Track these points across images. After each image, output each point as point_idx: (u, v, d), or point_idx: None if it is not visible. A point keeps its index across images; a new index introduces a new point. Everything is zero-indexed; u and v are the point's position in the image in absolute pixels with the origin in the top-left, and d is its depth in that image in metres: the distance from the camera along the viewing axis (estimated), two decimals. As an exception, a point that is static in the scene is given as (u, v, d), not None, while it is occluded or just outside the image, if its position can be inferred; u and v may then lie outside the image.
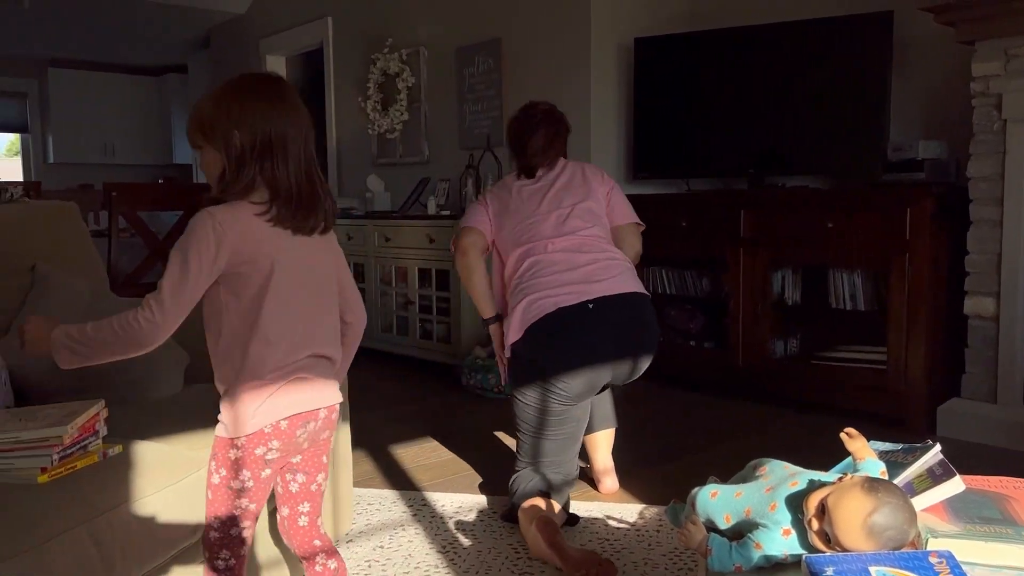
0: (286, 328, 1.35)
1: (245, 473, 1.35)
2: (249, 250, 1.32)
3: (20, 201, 2.16)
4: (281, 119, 1.33)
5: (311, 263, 1.40)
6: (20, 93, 8.49)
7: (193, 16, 6.75)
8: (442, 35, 4.92)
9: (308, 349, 1.38)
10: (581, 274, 2.23)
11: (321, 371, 1.41)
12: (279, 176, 1.33)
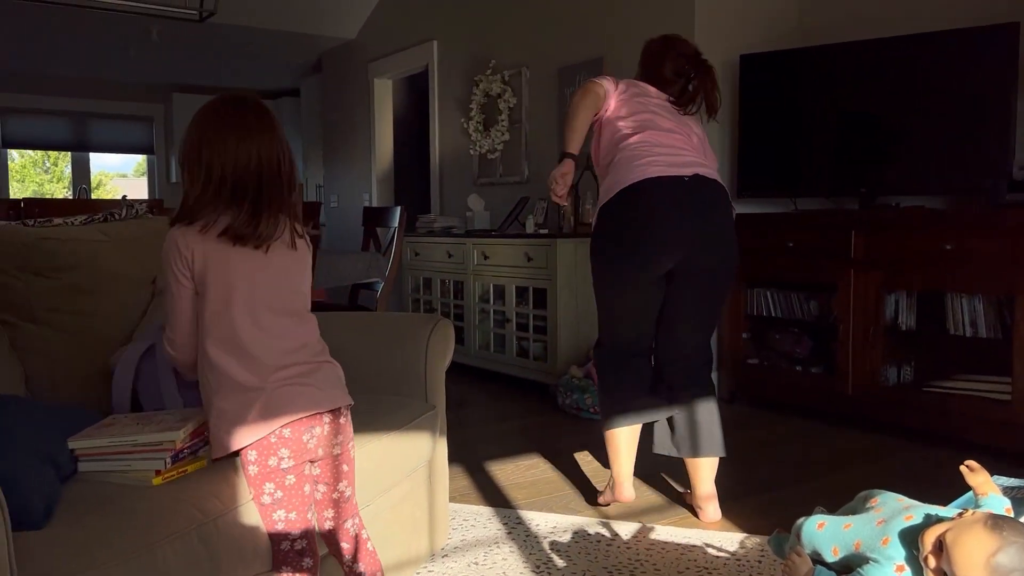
0: (259, 340, 1.41)
1: (269, 486, 1.41)
2: (209, 264, 1.41)
3: (144, 217, 2.29)
4: (237, 142, 1.39)
5: (282, 274, 1.46)
6: (147, 117, 9.05)
7: (306, 42, 7.04)
8: (544, 56, 4.96)
9: (293, 358, 1.43)
10: (683, 160, 2.39)
11: (321, 376, 1.46)
12: (235, 196, 1.39)
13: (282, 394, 1.40)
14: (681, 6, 4.05)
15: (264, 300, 1.43)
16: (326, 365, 1.49)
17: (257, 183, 1.40)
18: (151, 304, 2.06)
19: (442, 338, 2.21)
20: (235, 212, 1.40)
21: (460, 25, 5.69)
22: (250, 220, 1.40)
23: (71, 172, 9.17)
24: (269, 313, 1.44)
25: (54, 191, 17.51)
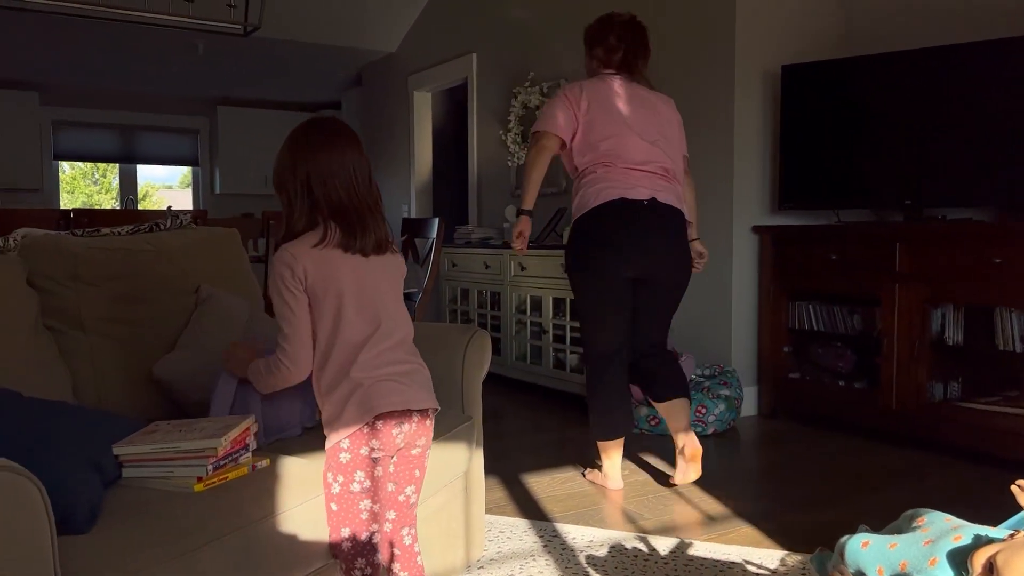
0: (366, 341, 1.51)
1: (359, 474, 1.49)
2: (321, 275, 1.50)
3: (188, 228, 2.33)
4: (330, 158, 1.50)
5: (376, 281, 1.56)
6: (192, 130, 9.24)
7: (348, 55, 7.13)
8: (582, 68, 4.95)
9: (393, 356, 1.53)
10: (641, 185, 2.77)
11: (413, 377, 1.55)
12: (334, 208, 1.50)
13: (380, 388, 1.49)
14: (721, 16, 4.03)
15: (369, 302, 1.54)
16: (419, 367, 1.59)
17: (353, 194, 1.52)
18: (194, 313, 2.09)
19: (479, 349, 2.21)
20: (337, 223, 1.51)
21: (499, 38, 5.72)
22: (351, 229, 1.51)
23: (119, 183, 9.39)
24: (373, 314, 1.54)
25: (102, 202, 17.93)
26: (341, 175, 1.50)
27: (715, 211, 4.10)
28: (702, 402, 3.67)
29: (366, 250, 1.53)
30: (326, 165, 1.50)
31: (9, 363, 1.65)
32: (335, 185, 1.50)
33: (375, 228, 1.54)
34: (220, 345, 1.98)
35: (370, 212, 1.53)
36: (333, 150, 1.51)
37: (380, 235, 1.55)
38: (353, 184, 1.51)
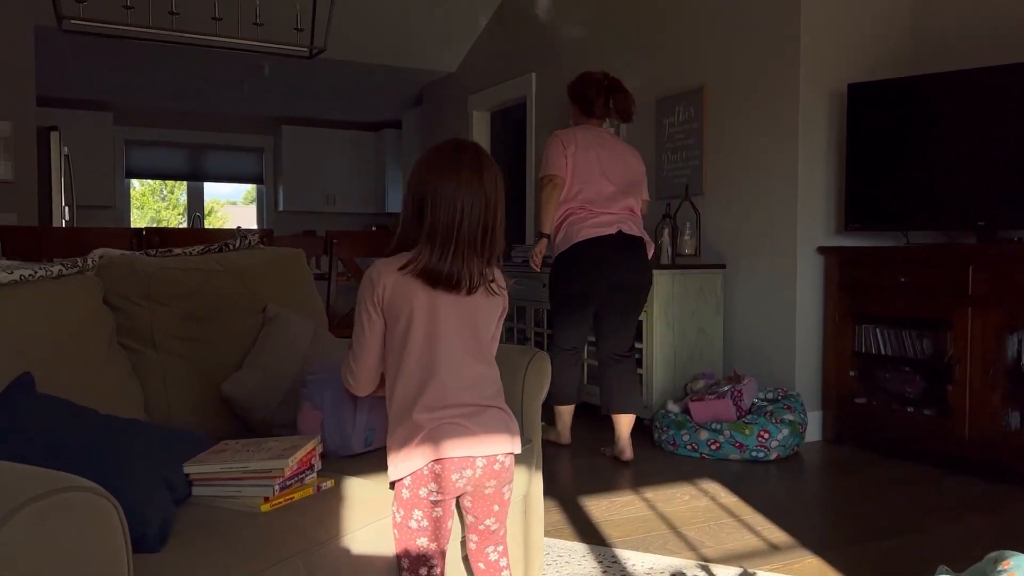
0: (431, 377, 1.47)
1: (417, 513, 1.49)
2: (397, 298, 1.48)
3: (256, 248, 2.38)
4: (446, 187, 1.47)
5: (464, 317, 1.51)
6: (258, 148, 9.48)
7: (409, 76, 7.24)
8: (642, 86, 4.94)
9: (461, 397, 1.48)
10: (611, 221, 3.55)
11: (483, 421, 1.49)
12: (434, 236, 1.47)
13: (442, 431, 1.46)
14: (786, 34, 3.98)
15: (443, 339, 1.49)
16: (494, 410, 1.52)
17: (457, 229, 1.47)
18: (260, 332, 2.13)
19: (538, 372, 2.20)
20: (433, 252, 1.47)
21: (559, 57, 5.74)
22: (442, 261, 1.46)
23: (186, 199, 9.67)
24: (445, 352, 1.49)
25: (169, 218, 18.49)
26: (450, 204, 1.46)
27: (779, 232, 4.03)
28: (765, 427, 3.59)
29: (450, 284, 1.48)
30: (439, 190, 1.47)
31: (86, 380, 1.71)
32: (441, 212, 1.47)
33: (468, 264, 1.48)
34: (285, 364, 2.02)
35: (470, 247, 1.48)
36: (451, 178, 1.48)
37: (472, 272, 1.49)
38: (459, 215, 1.46)
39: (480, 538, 1.59)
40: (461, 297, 1.50)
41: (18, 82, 5.59)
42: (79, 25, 3.71)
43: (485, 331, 1.55)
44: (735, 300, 4.28)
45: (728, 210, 4.32)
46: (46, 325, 1.67)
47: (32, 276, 1.67)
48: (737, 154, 4.27)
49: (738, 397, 3.74)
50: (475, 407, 1.49)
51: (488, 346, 1.56)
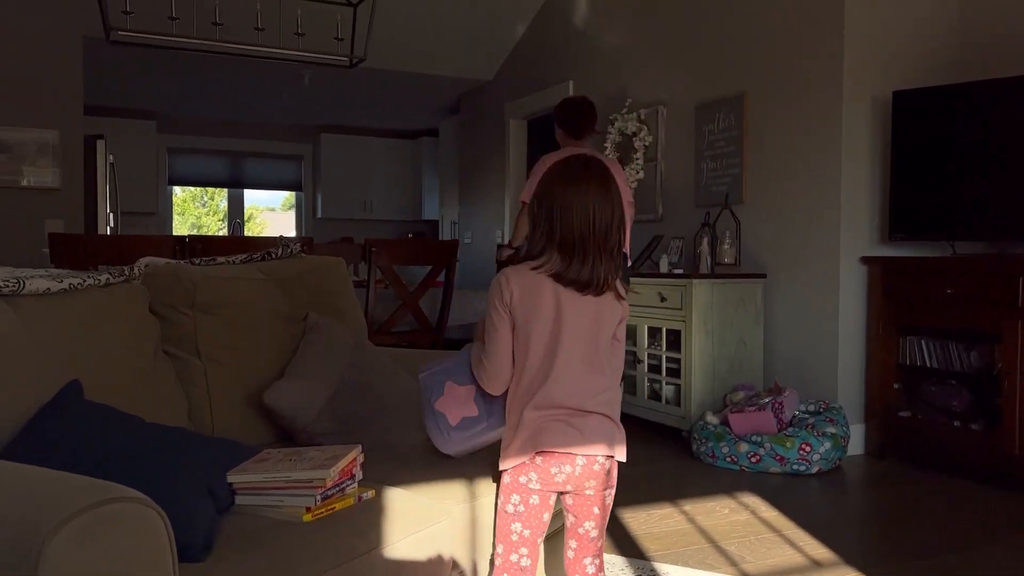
0: (548, 378, 1.55)
1: (515, 498, 1.58)
2: (524, 300, 1.57)
3: (298, 256, 2.41)
4: (573, 198, 1.55)
5: (588, 321, 1.58)
6: (297, 156, 9.59)
7: (445, 84, 7.28)
8: (681, 93, 4.91)
9: (572, 400, 1.54)
10: None
11: (587, 424, 1.55)
12: (563, 244, 1.55)
13: (547, 427, 1.54)
14: (829, 40, 3.92)
15: (563, 344, 1.56)
16: (599, 416, 1.57)
17: (584, 237, 1.54)
18: (302, 340, 2.14)
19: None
20: (561, 258, 1.56)
21: (596, 65, 5.73)
22: (575, 265, 1.55)
23: (227, 205, 9.81)
24: (563, 357, 1.56)
25: (210, 223, 18.78)
26: (578, 212, 1.54)
27: (821, 241, 3.97)
28: (806, 440, 3.53)
29: (579, 284, 1.56)
30: (567, 200, 1.55)
31: (133, 387, 1.73)
32: (569, 220, 1.54)
33: (595, 267, 1.55)
34: (325, 374, 2.03)
35: (598, 252, 1.55)
36: (578, 188, 1.56)
37: (598, 275, 1.56)
38: (589, 223, 1.54)
39: (579, 545, 1.62)
40: (588, 298, 1.57)
41: (66, 92, 5.72)
42: (126, 36, 3.78)
43: (605, 335, 1.61)
44: (776, 310, 4.22)
45: (769, 219, 4.27)
46: (94, 333, 1.69)
47: (81, 284, 1.70)
48: (778, 162, 4.22)
49: (779, 409, 3.69)
50: (581, 412, 1.55)
51: (604, 353, 1.60)
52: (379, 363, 2.17)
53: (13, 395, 1.48)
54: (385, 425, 2.03)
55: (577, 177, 1.58)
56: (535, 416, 1.54)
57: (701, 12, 4.74)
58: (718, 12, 4.61)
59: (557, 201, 1.56)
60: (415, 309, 3.74)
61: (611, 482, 1.61)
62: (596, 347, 1.59)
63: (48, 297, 1.63)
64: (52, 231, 5.69)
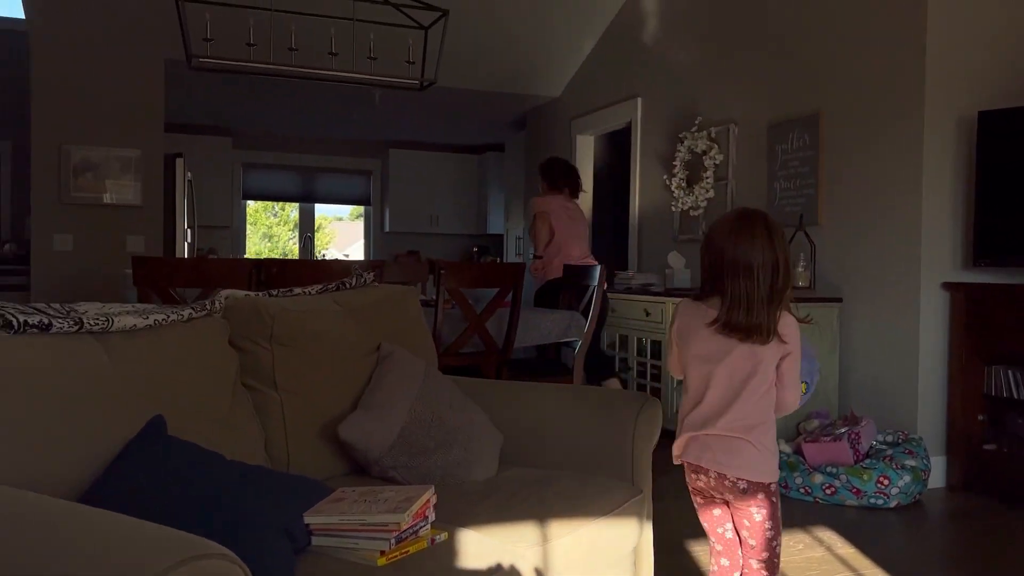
0: (701, 401, 1.80)
1: (695, 497, 1.91)
2: (685, 331, 1.84)
3: (371, 286, 2.43)
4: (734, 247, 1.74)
5: (741, 360, 1.77)
6: (366, 171, 9.75)
7: (513, 101, 7.31)
8: (753, 111, 4.82)
9: (716, 423, 1.78)
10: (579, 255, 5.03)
11: (727, 447, 1.78)
12: (722, 287, 1.75)
13: (696, 440, 1.82)
14: (910, 58, 3.80)
15: (715, 375, 1.78)
16: (741, 442, 1.77)
17: (750, 285, 1.72)
18: (375, 371, 2.16)
19: (650, 419, 2.16)
20: (724, 300, 1.75)
21: (665, 82, 5.67)
22: (732, 310, 1.73)
23: (297, 215, 10.03)
24: (714, 385, 1.79)
25: (280, 233, 19.28)
26: (742, 265, 1.72)
27: (901, 265, 3.84)
28: (884, 472, 3.41)
29: (734, 330, 1.74)
30: (733, 254, 1.74)
31: (213, 420, 1.77)
32: (735, 271, 1.73)
33: (755, 317, 1.72)
34: (397, 406, 2.04)
35: (761, 303, 1.73)
36: (742, 243, 1.73)
37: (754, 323, 1.72)
38: (752, 276, 1.72)
39: (743, 549, 1.88)
40: (745, 344, 1.75)
41: (148, 113, 5.94)
42: (207, 63, 3.90)
43: (762, 372, 1.77)
44: (852, 336, 4.09)
45: (846, 241, 4.15)
46: (177, 367, 1.74)
47: (165, 320, 1.75)
48: (856, 183, 4.10)
49: (855, 440, 3.57)
50: (727, 435, 1.77)
51: (757, 385, 1.77)
52: (449, 394, 2.17)
53: (101, 431, 1.53)
54: (454, 458, 2.04)
55: (741, 232, 1.75)
56: (689, 428, 1.83)
57: (774, 29, 4.65)
58: (792, 29, 4.52)
59: (725, 254, 1.75)
60: (482, 331, 3.74)
61: (751, 501, 1.80)
62: (746, 379, 1.77)
63: (134, 333, 1.68)
64: (133, 248, 5.90)
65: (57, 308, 1.62)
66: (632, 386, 5.14)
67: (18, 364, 1.45)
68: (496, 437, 2.16)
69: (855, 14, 4.11)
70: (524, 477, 2.02)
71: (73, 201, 5.75)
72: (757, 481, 1.78)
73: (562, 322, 4.09)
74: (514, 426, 2.23)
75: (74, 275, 5.76)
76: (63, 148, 5.71)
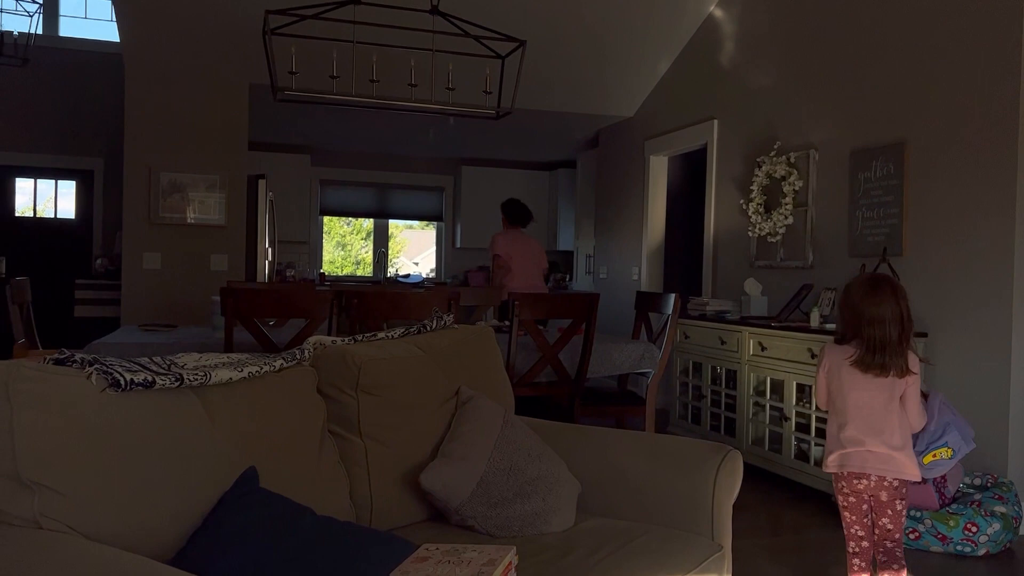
0: (845, 421, 2.45)
1: (839, 498, 2.52)
2: (831, 369, 2.49)
3: (451, 328, 2.47)
4: (869, 306, 2.37)
5: (876, 389, 2.41)
6: (439, 187, 9.87)
7: (586, 120, 7.31)
8: (835, 138, 4.72)
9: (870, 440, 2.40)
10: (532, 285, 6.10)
11: (881, 458, 2.40)
12: (864, 335, 2.38)
13: (851, 454, 2.44)
14: (1004, 86, 3.66)
15: (851, 401, 2.44)
16: (894, 453, 2.39)
17: (884, 334, 2.35)
18: (454, 417, 2.20)
19: (731, 472, 2.14)
20: (867, 352, 2.38)
21: (743, 105, 5.59)
22: (873, 358, 2.37)
23: (370, 224, 10.20)
24: (853, 411, 2.43)
25: (353, 242, 19.68)
26: (876, 318, 2.36)
27: (991, 300, 3.70)
28: (972, 519, 3.29)
29: (870, 370, 2.39)
30: (868, 310, 2.37)
31: (302, 469, 1.83)
32: (869, 323, 2.36)
33: (890, 357, 2.36)
34: (476, 455, 2.07)
35: (893, 346, 2.36)
36: (874, 303, 2.37)
37: (888, 362, 2.36)
38: (884, 326, 2.35)
39: (881, 547, 2.48)
40: (881, 379, 2.39)
41: (233, 137, 6.15)
42: (292, 95, 4.02)
43: (893, 399, 2.41)
44: (937, 372, 3.96)
45: (931, 274, 4.02)
46: (268, 417, 1.80)
47: (258, 372, 1.81)
48: (943, 213, 3.97)
49: (941, 484, 3.45)
50: (877, 449, 2.39)
51: (893, 409, 2.41)
52: (526, 442, 2.19)
53: (198, 483, 1.60)
54: (533, 508, 2.05)
55: (871, 294, 2.38)
56: (841, 445, 2.45)
57: (858, 53, 4.55)
58: (877, 53, 4.41)
59: (860, 311, 2.38)
60: (555, 363, 3.76)
61: (899, 495, 2.42)
62: (882, 407, 2.41)
63: (230, 386, 1.75)
64: (216, 267, 6.11)
65: (159, 363, 1.69)
66: (705, 415, 5.07)
67: (124, 421, 1.52)
68: (574, 486, 2.16)
69: (943, 39, 3.98)
70: (603, 530, 2.02)
71: (161, 221, 5.99)
72: (906, 480, 2.42)
73: (635, 353, 4.08)
74: (591, 473, 2.24)
75: (162, 292, 5.99)
76: (153, 172, 5.96)
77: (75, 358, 1.56)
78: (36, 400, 1.43)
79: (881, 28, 4.39)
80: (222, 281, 5.97)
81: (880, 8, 4.40)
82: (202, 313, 5.62)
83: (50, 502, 1.40)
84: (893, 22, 4.31)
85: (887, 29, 4.35)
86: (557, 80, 6.42)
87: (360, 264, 12.59)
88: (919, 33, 4.14)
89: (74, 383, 1.49)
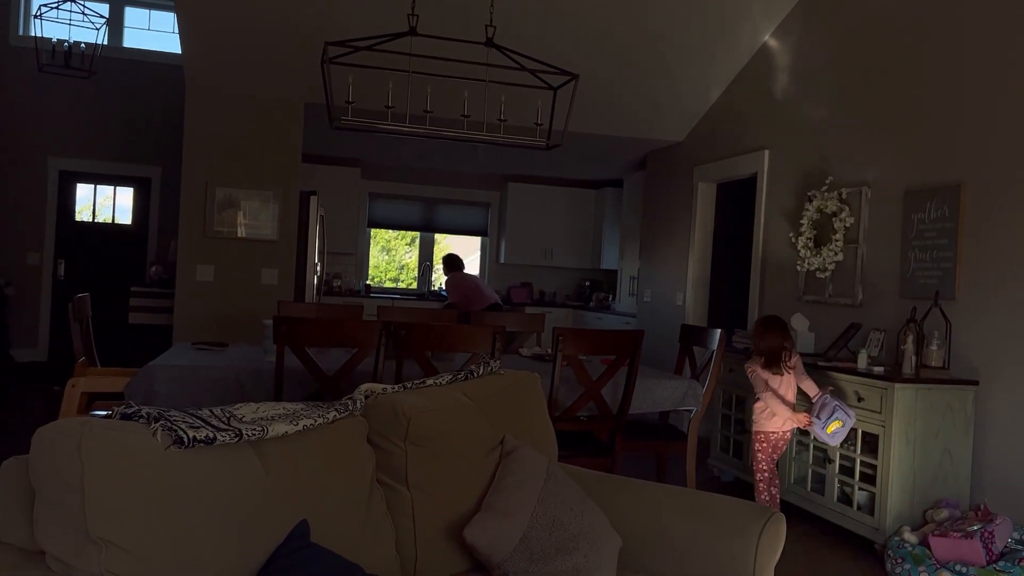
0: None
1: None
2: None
3: (497, 374, 2.50)
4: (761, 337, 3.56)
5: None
6: (484, 203, 9.95)
7: (636, 144, 7.31)
8: (889, 176, 4.66)
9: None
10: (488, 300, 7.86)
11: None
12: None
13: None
14: (1065, 138, 3.59)
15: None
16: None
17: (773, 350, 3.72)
18: (499, 468, 2.23)
19: (774, 536, 2.14)
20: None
21: (795, 137, 5.54)
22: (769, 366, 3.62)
23: (417, 238, 10.31)
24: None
25: (398, 247, 19.88)
26: (767, 342, 3.75)
27: (1046, 355, 3.62)
28: (1020, 579, 3.22)
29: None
30: (761, 340, 3.45)
31: (351, 520, 1.87)
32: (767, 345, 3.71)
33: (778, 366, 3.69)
34: (520, 508, 2.09)
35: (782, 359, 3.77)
36: (766, 331, 3.63)
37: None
38: (774, 348, 3.65)
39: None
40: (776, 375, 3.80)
41: (287, 155, 6.29)
42: (347, 123, 4.10)
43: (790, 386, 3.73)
44: (988, 422, 3.88)
45: (985, 320, 3.95)
46: (321, 469, 1.85)
47: (312, 425, 1.86)
48: (999, 258, 3.90)
49: (988, 539, 3.39)
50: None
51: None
52: (570, 496, 2.21)
53: (253, 537, 1.65)
54: (575, 563, 2.07)
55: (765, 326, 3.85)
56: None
57: (914, 91, 4.49)
58: (934, 92, 4.35)
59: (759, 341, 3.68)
60: (597, 398, 3.77)
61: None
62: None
63: (286, 439, 1.80)
64: (267, 281, 6.24)
65: (220, 416, 1.75)
66: (747, 451, 5.03)
67: (187, 477, 1.58)
68: (615, 541, 2.18)
69: (1003, 79, 3.91)
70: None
71: (215, 235, 6.14)
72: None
73: (678, 391, 4.07)
74: (632, 528, 2.25)
75: (214, 305, 6.14)
76: (209, 186, 6.11)
77: (142, 413, 1.62)
78: (105, 458, 1.49)
79: (939, 66, 4.33)
80: (272, 295, 6.10)
81: (938, 47, 4.34)
82: (252, 328, 5.74)
83: (115, 558, 1.46)
84: (951, 61, 4.25)
85: (945, 67, 4.29)
86: (607, 105, 6.44)
87: (403, 269, 12.69)
88: (978, 73, 4.07)
89: (140, 441, 1.56)
